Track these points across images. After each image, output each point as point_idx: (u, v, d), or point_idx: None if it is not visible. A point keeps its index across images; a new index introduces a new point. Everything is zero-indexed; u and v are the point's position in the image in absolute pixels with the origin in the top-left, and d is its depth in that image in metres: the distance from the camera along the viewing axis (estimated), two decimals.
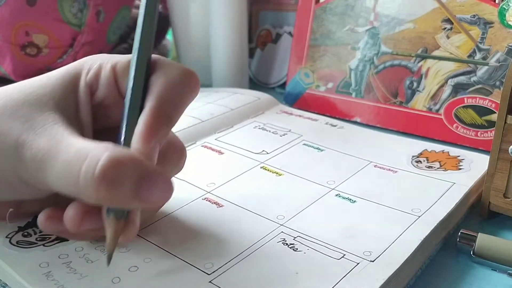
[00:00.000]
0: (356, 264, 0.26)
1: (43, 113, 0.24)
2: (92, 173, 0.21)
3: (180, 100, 0.25)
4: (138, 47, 0.25)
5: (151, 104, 0.24)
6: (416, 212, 0.30)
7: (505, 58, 0.41)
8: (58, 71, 0.27)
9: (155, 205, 0.25)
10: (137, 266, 0.26)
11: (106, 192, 0.21)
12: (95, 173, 0.21)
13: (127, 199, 0.22)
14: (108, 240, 0.23)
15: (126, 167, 0.22)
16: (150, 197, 0.22)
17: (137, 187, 0.22)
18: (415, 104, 0.45)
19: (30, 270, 0.25)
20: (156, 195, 0.23)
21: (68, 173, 0.22)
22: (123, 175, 0.22)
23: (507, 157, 0.31)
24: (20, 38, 0.51)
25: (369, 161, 0.37)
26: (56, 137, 0.23)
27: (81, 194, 0.22)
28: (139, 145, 0.24)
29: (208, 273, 0.25)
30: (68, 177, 0.22)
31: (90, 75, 0.26)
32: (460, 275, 0.28)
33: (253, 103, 0.48)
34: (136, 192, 0.22)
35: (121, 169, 0.22)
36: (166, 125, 0.25)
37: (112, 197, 0.22)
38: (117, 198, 0.22)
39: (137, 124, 0.24)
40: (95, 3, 0.53)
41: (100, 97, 0.26)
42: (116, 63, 0.26)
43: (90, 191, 0.21)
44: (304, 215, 0.30)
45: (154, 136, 0.24)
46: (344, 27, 0.50)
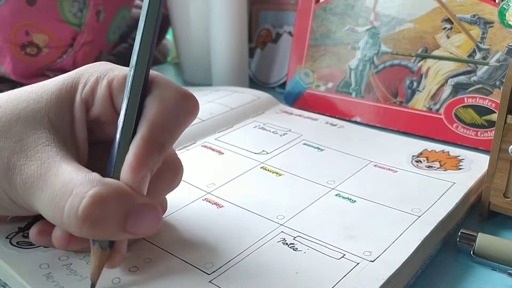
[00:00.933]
0: (356, 264, 0.26)
1: (36, 132, 0.24)
2: (75, 212, 0.21)
3: (175, 126, 0.25)
4: (135, 65, 0.24)
5: (142, 132, 0.23)
6: (416, 212, 0.30)
7: (505, 57, 0.41)
8: (54, 81, 0.26)
9: (144, 236, 0.24)
10: (137, 267, 0.26)
11: (90, 230, 0.21)
12: (78, 213, 0.21)
13: (113, 234, 0.22)
14: (93, 268, 0.23)
15: (111, 204, 0.22)
16: (137, 230, 0.22)
17: (123, 221, 0.22)
18: (415, 104, 0.45)
19: (31, 271, 0.25)
20: (144, 227, 0.23)
21: (53, 208, 0.22)
22: (107, 212, 0.21)
23: (507, 157, 0.31)
24: (20, 37, 0.51)
25: (369, 161, 0.37)
26: (47, 162, 0.23)
27: (66, 229, 0.22)
28: (128, 176, 0.23)
29: (208, 273, 0.25)
30: (53, 211, 0.22)
31: (86, 91, 0.25)
32: (460, 275, 0.28)
33: (253, 102, 0.48)
34: (122, 226, 0.22)
35: (105, 207, 0.21)
36: (158, 153, 0.24)
37: (97, 233, 0.22)
38: (102, 234, 0.22)
39: (127, 153, 0.23)
40: (95, 3, 0.53)
41: (95, 113, 0.26)
42: (113, 79, 0.25)
43: (73, 229, 0.22)
44: (304, 215, 0.30)
45: (144, 166, 0.23)
46: (344, 27, 0.50)
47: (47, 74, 0.55)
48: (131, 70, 0.24)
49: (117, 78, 0.25)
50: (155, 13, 0.25)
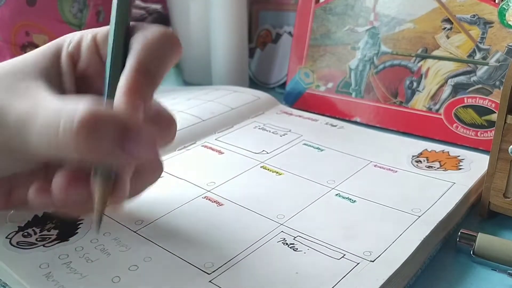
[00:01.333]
0: (356, 264, 0.26)
1: (25, 80, 0.24)
2: (70, 124, 0.21)
3: (162, 58, 0.25)
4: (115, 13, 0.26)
5: (132, 61, 0.24)
6: (416, 212, 0.30)
7: (505, 58, 0.41)
8: (41, 47, 0.27)
9: (140, 159, 0.23)
10: (137, 265, 0.26)
11: (87, 143, 0.21)
12: (74, 123, 0.20)
13: (110, 151, 0.21)
14: (96, 201, 0.23)
15: (106, 118, 0.21)
16: (134, 149, 0.22)
17: (120, 138, 0.21)
18: (415, 104, 0.45)
19: (30, 272, 0.25)
20: (142, 147, 0.22)
21: (48, 130, 0.21)
22: (104, 125, 0.21)
23: (507, 157, 0.31)
24: (20, 38, 0.51)
25: (369, 161, 0.37)
26: (38, 97, 0.23)
27: (63, 151, 0.22)
28: (122, 99, 0.23)
29: (208, 273, 0.25)
30: (48, 135, 0.21)
31: (71, 46, 0.27)
32: (460, 275, 0.28)
33: (253, 102, 0.48)
34: (119, 143, 0.21)
35: (101, 119, 0.21)
36: (149, 81, 0.24)
37: (94, 148, 0.21)
38: (99, 150, 0.21)
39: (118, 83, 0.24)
40: (95, 3, 0.53)
41: (82, 66, 0.26)
42: (97, 33, 0.27)
43: (70, 145, 0.21)
44: (304, 214, 0.30)
45: (136, 93, 0.23)
46: (344, 27, 0.50)
47: None
48: (113, 18, 0.26)
49: (101, 31, 0.27)
50: None
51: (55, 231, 0.29)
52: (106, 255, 0.27)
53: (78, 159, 0.22)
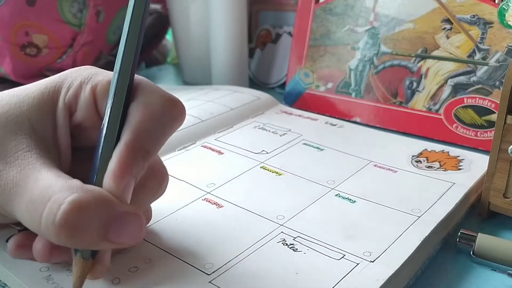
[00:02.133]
0: (356, 264, 0.26)
1: (16, 137, 0.23)
2: (52, 218, 0.20)
3: (160, 132, 0.24)
4: (119, 70, 0.24)
5: (126, 138, 0.23)
6: (416, 212, 0.30)
7: (505, 58, 0.41)
8: (37, 85, 0.25)
9: (126, 245, 0.23)
10: (137, 267, 0.26)
11: (68, 238, 0.20)
12: (56, 219, 0.20)
13: (94, 243, 0.21)
14: (75, 278, 0.22)
15: (91, 211, 0.21)
16: (119, 239, 0.22)
17: (104, 230, 0.21)
18: (414, 104, 0.45)
19: (31, 275, 0.25)
20: (126, 236, 0.22)
21: (31, 214, 0.21)
22: (87, 220, 0.21)
23: (507, 157, 0.31)
24: (20, 38, 0.51)
25: (369, 161, 0.37)
26: (27, 168, 0.22)
27: (44, 237, 0.22)
28: (111, 183, 0.22)
29: (208, 273, 0.25)
30: (31, 218, 0.21)
31: (69, 96, 0.25)
32: (460, 275, 0.28)
33: (253, 103, 0.48)
34: (103, 235, 0.21)
35: (84, 214, 0.20)
36: (143, 159, 0.23)
37: (76, 242, 0.21)
38: (82, 242, 0.21)
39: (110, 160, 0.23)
40: (95, 3, 0.53)
41: (79, 118, 0.25)
42: (97, 84, 0.25)
43: (51, 237, 0.21)
44: (304, 215, 0.30)
45: (128, 174, 0.22)
46: (344, 27, 0.50)
47: (47, 74, 0.55)
48: (115, 75, 0.24)
49: (101, 83, 0.25)
50: (140, 17, 0.24)
51: None
52: None
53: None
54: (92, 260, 0.22)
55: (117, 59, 0.24)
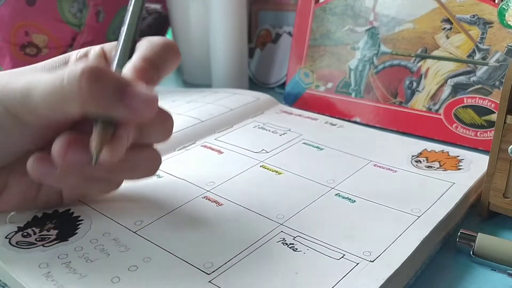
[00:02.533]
0: (356, 264, 0.26)
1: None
2: (74, 73, 0.23)
3: (164, 57, 0.27)
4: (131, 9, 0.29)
5: (138, 54, 0.27)
6: (416, 212, 0.30)
7: (505, 58, 0.41)
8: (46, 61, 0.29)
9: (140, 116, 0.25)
10: (137, 266, 0.26)
11: (89, 88, 0.23)
12: (78, 71, 0.23)
13: (110, 102, 0.24)
14: (95, 142, 0.24)
15: (108, 72, 0.24)
16: (133, 103, 0.24)
17: (120, 91, 0.24)
18: (414, 104, 0.45)
19: (30, 272, 0.25)
20: (140, 103, 0.24)
21: (53, 85, 0.23)
22: (105, 76, 0.23)
23: (507, 157, 0.31)
24: (19, 38, 0.51)
25: (369, 160, 0.37)
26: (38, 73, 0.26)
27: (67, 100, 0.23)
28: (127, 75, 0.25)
29: (207, 273, 0.25)
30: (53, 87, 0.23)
31: (79, 54, 0.29)
32: (459, 275, 0.28)
33: (252, 103, 0.48)
34: (119, 95, 0.23)
35: (103, 71, 0.23)
36: (153, 69, 0.26)
37: (95, 95, 0.23)
38: (100, 98, 0.23)
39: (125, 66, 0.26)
40: (95, 3, 0.53)
41: None
42: (104, 45, 0.29)
43: (74, 91, 0.23)
44: (304, 214, 0.30)
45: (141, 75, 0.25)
46: (344, 27, 0.50)
47: None
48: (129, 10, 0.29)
49: (108, 44, 0.29)
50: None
51: (54, 231, 0.29)
52: (106, 255, 0.27)
53: (80, 111, 0.24)
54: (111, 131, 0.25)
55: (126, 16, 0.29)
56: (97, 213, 0.31)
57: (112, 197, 0.32)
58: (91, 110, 0.24)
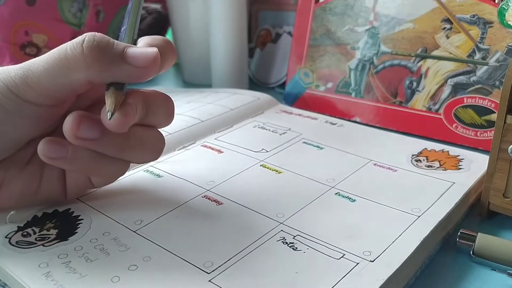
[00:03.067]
0: (356, 264, 0.26)
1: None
2: (77, 41, 0.25)
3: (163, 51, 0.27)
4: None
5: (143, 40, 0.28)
6: (416, 211, 0.30)
7: (505, 58, 0.41)
8: None
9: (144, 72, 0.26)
10: (137, 265, 0.26)
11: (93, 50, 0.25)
12: (80, 38, 0.25)
13: (114, 61, 0.25)
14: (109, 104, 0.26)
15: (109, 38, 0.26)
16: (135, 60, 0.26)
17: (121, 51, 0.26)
18: (414, 104, 0.45)
19: (30, 271, 0.25)
20: (142, 58, 0.26)
21: (54, 56, 0.25)
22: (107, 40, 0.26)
23: (507, 157, 0.31)
24: (19, 37, 0.51)
25: (369, 160, 0.37)
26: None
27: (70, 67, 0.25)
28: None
29: (207, 272, 0.25)
30: (54, 59, 0.25)
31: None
32: (459, 275, 0.28)
33: (252, 103, 0.48)
34: (121, 55, 0.26)
35: (104, 37, 0.26)
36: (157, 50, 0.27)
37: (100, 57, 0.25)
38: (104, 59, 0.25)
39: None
40: (95, 3, 0.53)
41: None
42: None
43: (77, 56, 0.25)
44: (304, 213, 0.30)
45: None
46: (344, 27, 0.50)
47: None
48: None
49: None
50: None
51: (54, 230, 0.29)
52: (106, 254, 0.27)
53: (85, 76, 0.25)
54: (123, 95, 0.26)
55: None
56: (97, 213, 0.31)
57: (112, 196, 0.32)
58: (96, 74, 0.26)
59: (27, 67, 0.26)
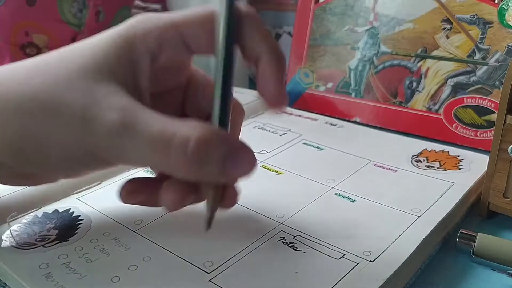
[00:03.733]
0: (356, 264, 0.26)
1: (102, 83, 0.23)
2: (184, 152, 0.22)
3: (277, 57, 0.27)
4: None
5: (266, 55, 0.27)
6: (416, 212, 0.30)
7: (505, 58, 0.41)
8: (106, 36, 0.25)
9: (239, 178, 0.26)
10: (137, 265, 0.26)
11: (197, 170, 0.22)
12: (188, 152, 0.22)
13: (214, 176, 0.23)
14: (210, 205, 0.25)
15: (214, 145, 0.22)
16: (235, 173, 0.24)
17: (223, 164, 0.23)
18: (414, 104, 0.45)
19: (30, 272, 0.25)
20: (241, 170, 0.24)
21: (156, 153, 0.22)
22: (211, 152, 0.22)
23: (507, 157, 0.31)
24: (19, 38, 0.51)
25: (369, 160, 0.37)
26: (127, 110, 0.23)
27: (170, 171, 0.23)
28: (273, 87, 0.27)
29: (207, 272, 0.25)
30: (156, 156, 0.22)
31: (149, 43, 0.25)
32: (459, 275, 0.28)
33: (252, 103, 0.48)
34: (222, 169, 0.23)
35: (210, 147, 0.22)
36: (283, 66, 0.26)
37: (201, 174, 0.23)
38: (205, 175, 0.23)
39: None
40: (95, 3, 0.53)
41: (162, 61, 0.25)
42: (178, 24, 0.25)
43: (181, 169, 0.23)
44: (304, 213, 0.30)
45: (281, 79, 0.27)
46: (344, 27, 0.50)
47: None
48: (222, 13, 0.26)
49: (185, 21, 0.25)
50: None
51: (54, 231, 0.29)
52: (106, 255, 0.27)
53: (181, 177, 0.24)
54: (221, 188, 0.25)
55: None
56: (97, 213, 0.31)
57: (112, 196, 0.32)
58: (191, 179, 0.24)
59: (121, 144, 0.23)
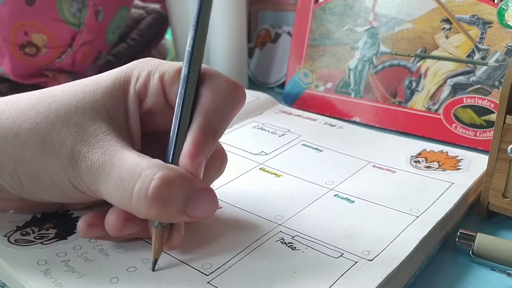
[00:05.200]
0: (355, 263, 0.26)
1: (95, 122, 0.25)
2: (145, 193, 0.23)
3: (227, 114, 0.26)
4: (189, 59, 0.25)
5: (198, 121, 0.25)
6: (415, 212, 0.30)
7: (504, 58, 0.41)
8: (106, 76, 0.27)
9: (200, 219, 0.26)
10: (135, 267, 0.26)
11: (157, 210, 0.23)
12: (148, 194, 0.23)
13: (175, 216, 0.24)
14: (155, 247, 0.25)
15: (176, 187, 0.23)
16: (196, 213, 0.24)
17: (184, 204, 0.24)
18: (414, 104, 0.45)
19: (28, 268, 0.25)
20: (202, 211, 0.24)
21: (121, 190, 0.23)
22: (173, 195, 0.23)
23: (506, 157, 0.30)
24: (19, 37, 0.51)
25: (368, 161, 0.37)
26: (110, 149, 0.24)
27: (133, 210, 0.24)
28: (187, 162, 0.25)
29: (206, 274, 0.25)
30: (121, 194, 0.23)
31: (139, 84, 0.27)
32: (459, 275, 0.28)
33: (252, 103, 0.48)
34: (183, 209, 0.24)
35: (171, 189, 0.23)
36: (213, 140, 0.26)
37: (162, 214, 0.24)
38: (166, 215, 0.24)
39: (185, 141, 0.25)
40: (94, 3, 0.53)
41: (148, 105, 0.27)
42: (164, 72, 0.27)
43: (142, 209, 0.23)
44: (302, 215, 0.30)
45: (201, 153, 0.25)
46: (343, 27, 0.50)
47: (46, 74, 0.55)
48: (186, 64, 0.25)
49: (167, 72, 0.27)
50: (209, 7, 0.25)
51: (53, 230, 0.29)
52: (105, 255, 0.27)
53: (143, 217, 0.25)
54: (168, 228, 0.25)
55: (187, 48, 0.26)
56: None
57: None
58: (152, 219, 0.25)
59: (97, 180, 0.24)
